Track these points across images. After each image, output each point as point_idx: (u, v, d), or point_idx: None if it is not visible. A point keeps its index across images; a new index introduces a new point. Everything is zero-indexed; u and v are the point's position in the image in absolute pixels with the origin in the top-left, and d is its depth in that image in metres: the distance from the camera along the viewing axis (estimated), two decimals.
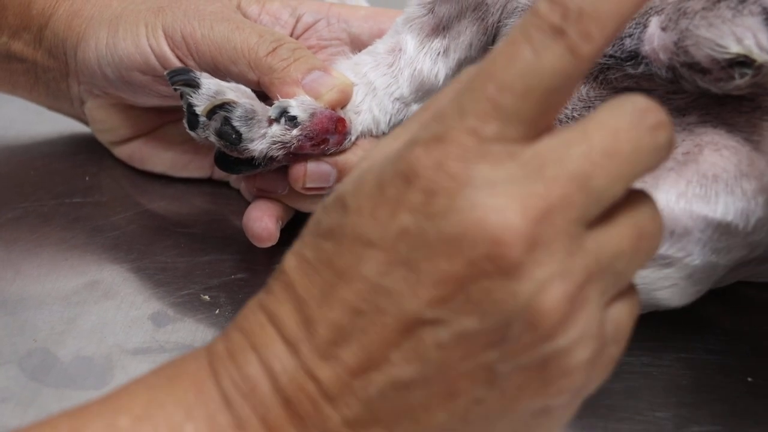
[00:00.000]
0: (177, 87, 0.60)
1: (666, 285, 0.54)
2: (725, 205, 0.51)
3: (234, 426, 0.39)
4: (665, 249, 0.52)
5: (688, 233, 0.51)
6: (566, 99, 0.39)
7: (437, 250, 0.37)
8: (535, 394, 0.39)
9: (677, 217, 0.51)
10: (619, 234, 0.39)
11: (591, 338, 0.38)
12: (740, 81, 0.50)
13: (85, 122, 0.73)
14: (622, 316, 0.40)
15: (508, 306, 0.37)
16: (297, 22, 0.68)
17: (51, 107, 0.74)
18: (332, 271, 0.39)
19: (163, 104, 0.68)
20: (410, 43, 0.64)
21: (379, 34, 0.66)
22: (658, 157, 0.39)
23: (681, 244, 0.52)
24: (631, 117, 0.38)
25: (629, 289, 0.41)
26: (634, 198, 0.40)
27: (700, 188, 0.51)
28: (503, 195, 0.37)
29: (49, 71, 0.70)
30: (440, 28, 0.64)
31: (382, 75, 0.64)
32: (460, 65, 0.64)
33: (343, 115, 0.61)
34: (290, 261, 0.41)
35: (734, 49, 0.49)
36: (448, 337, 0.37)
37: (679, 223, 0.51)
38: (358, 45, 0.67)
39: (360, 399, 0.38)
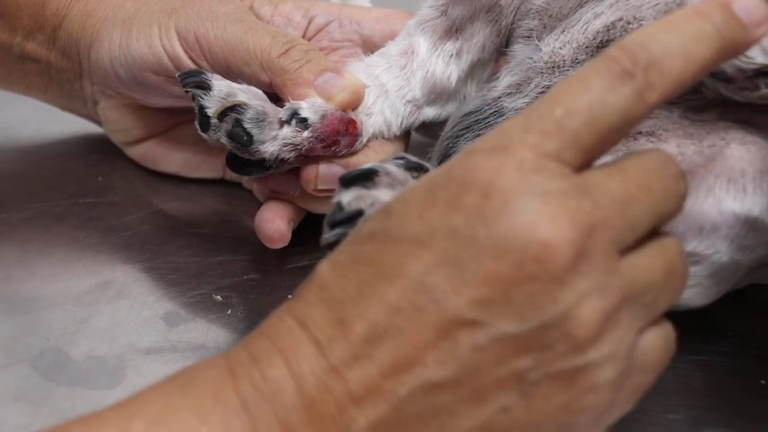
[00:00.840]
0: (188, 89, 0.60)
1: (690, 284, 0.54)
2: (753, 201, 0.51)
3: (251, 429, 0.38)
4: (694, 245, 0.52)
5: (716, 229, 0.51)
6: (618, 140, 0.42)
7: (486, 251, 0.38)
8: (559, 409, 0.39)
9: (706, 213, 0.51)
10: (651, 265, 0.41)
11: (619, 359, 0.39)
12: (765, 90, 0.50)
13: (98, 123, 0.74)
14: (653, 346, 0.41)
15: (548, 311, 0.38)
16: (309, 23, 0.68)
17: (64, 108, 0.74)
18: (373, 270, 0.40)
19: (175, 105, 0.68)
20: (423, 45, 0.64)
21: (391, 36, 0.66)
22: (678, 204, 0.42)
23: (710, 240, 0.51)
24: (657, 162, 0.42)
25: (663, 324, 0.42)
26: (664, 237, 0.43)
27: (728, 183, 0.51)
28: (556, 205, 0.39)
29: (63, 72, 0.70)
30: (453, 30, 0.63)
31: (394, 77, 0.64)
32: (473, 67, 0.64)
33: (354, 117, 0.61)
34: (323, 267, 0.41)
35: (761, 60, 0.49)
36: (485, 340, 0.38)
37: (708, 218, 0.51)
38: (370, 47, 0.68)
39: (388, 401, 0.38)
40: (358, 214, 0.48)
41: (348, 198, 0.48)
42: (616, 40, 0.55)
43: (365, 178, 0.49)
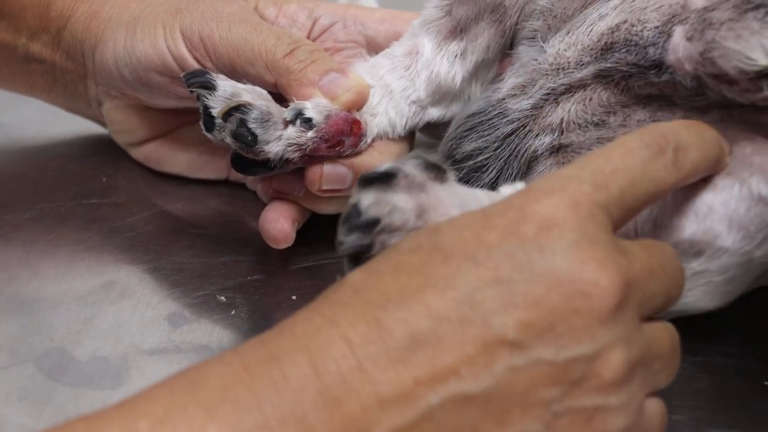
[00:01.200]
0: (193, 89, 0.60)
1: (700, 283, 0.54)
2: (759, 194, 0.51)
3: (262, 426, 0.38)
4: (692, 233, 0.52)
5: (712, 211, 0.51)
6: (643, 208, 0.47)
7: (539, 278, 0.40)
8: None
9: (706, 201, 0.51)
10: (661, 338, 0.45)
11: (632, 412, 0.42)
12: None
13: (103, 124, 0.74)
14: (653, 415, 0.44)
15: (585, 346, 0.40)
16: (314, 24, 0.68)
17: (68, 109, 0.74)
18: (420, 279, 0.41)
19: (180, 105, 0.68)
20: (427, 45, 0.64)
21: (395, 37, 0.66)
22: (679, 293, 0.47)
23: (707, 223, 0.52)
24: (670, 251, 0.47)
25: (659, 399, 0.45)
26: (665, 321, 0.46)
27: (729, 177, 0.51)
28: (604, 252, 0.42)
29: (67, 73, 0.70)
30: (458, 31, 0.63)
31: (398, 78, 0.64)
32: (478, 68, 0.64)
33: (359, 117, 0.61)
34: (356, 275, 0.42)
35: (763, 62, 0.49)
36: (523, 363, 0.40)
37: (705, 204, 0.51)
38: (374, 47, 0.68)
39: (417, 408, 0.39)
40: (375, 222, 0.48)
41: (367, 201, 0.48)
42: (619, 42, 0.55)
43: (384, 179, 0.49)
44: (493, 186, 0.60)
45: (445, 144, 0.63)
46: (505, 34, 0.63)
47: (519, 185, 0.56)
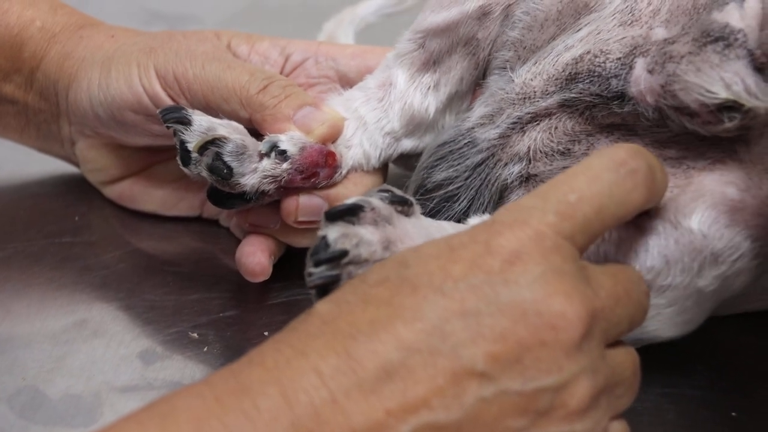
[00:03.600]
0: (170, 125, 0.60)
1: (652, 314, 0.55)
2: (699, 222, 0.52)
3: None
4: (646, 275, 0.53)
5: (647, 250, 0.52)
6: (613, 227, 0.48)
7: (505, 311, 0.41)
8: None
9: (663, 244, 0.52)
10: (624, 363, 0.46)
11: None
12: (729, 124, 0.51)
13: (75, 164, 0.74)
14: None
15: (552, 377, 0.41)
16: (286, 61, 0.69)
17: (41, 149, 0.74)
18: (389, 311, 0.41)
19: (154, 144, 0.68)
20: (401, 77, 0.64)
21: (367, 72, 0.67)
22: (643, 317, 0.47)
23: (648, 263, 0.52)
24: (636, 276, 0.47)
25: (622, 420, 0.46)
26: (627, 345, 0.47)
27: (680, 217, 0.52)
28: (569, 284, 0.42)
29: (40, 113, 0.70)
30: (431, 63, 0.64)
31: (372, 109, 0.64)
32: (451, 99, 0.65)
33: (333, 149, 0.62)
34: (324, 306, 0.42)
35: (723, 94, 0.50)
36: (491, 394, 0.40)
37: (664, 250, 0.52)
38: (346, 82, 0.68)
39: None
40: (342, 254, 0.49)
41: (334, 234, 0.49)
42: (583, 73, 0.56)
43: (350, 213, 0.50)
44: (464, 215, 0.60)
45: (417, 173, 0.63)
46: (478, 66, 0.64)
47: (486, 217, 0.57)
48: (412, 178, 0.64)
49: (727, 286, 0.54)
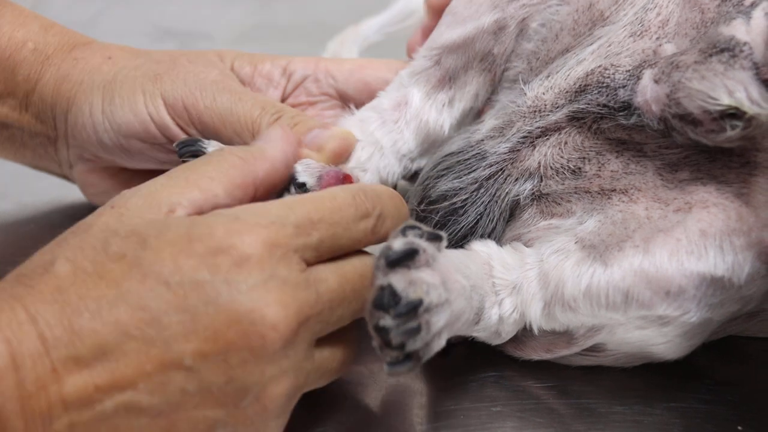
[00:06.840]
0: (186, 158, 0.60)
1: (662, 341, 0.55)
2: (715, 260, 0.52)
3: None
4: (663, 309, 0.53)
5: (683, 291, 0.52)
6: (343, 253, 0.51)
7: (221, 314, 0.45)
8: None
9: (671, 277, 0.52)
10: (331, 358, 0.51)
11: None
12: (731, 133, 0.51)
13: (72, 180, 0.73)
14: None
15: (253, 378, 0.46)
16: (288, 81, 0.69)
17: (36, 167, 0.74)
18: (116, 293, 0.45)
19: (157, 168, 0.68)
20: (416, 96, 0.65)
21: (365, 89, 0.68)
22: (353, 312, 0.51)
23: (678, 302, 0.52)
24: (370, 269, 0.51)
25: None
26: (350, 330, 0.53)
27: (688, 244, 0.52)
28: (288, 294, 0.46)
29: (36, 136, 0.70)
30: (446, 80, 0.64)
31: (388, 132, 0.64)
32: (465, 115, 0.65)
33: (349, 173, 0.62)
34: (63, 266, 0.45)
35: (726, 101, 0.51)
36: (194, 388, 0.45)
37: (674, 282, 0.52)
38: (345, 99, 0.69)
39: (94, 411, 0.43)
40: (419, 304, 0.48)
41: (401, 284, 0.48)
42: (592, 84, 0.57)
43: (408, 257, 0.50)
44: (471, 230, 0.60)
45: (420, 182, 0.63)
46: (494, 81, 0.64)
47: (489, 243, 0.57)
48: (415, 188, 0.64)
49: (739, 310, 0.55)
